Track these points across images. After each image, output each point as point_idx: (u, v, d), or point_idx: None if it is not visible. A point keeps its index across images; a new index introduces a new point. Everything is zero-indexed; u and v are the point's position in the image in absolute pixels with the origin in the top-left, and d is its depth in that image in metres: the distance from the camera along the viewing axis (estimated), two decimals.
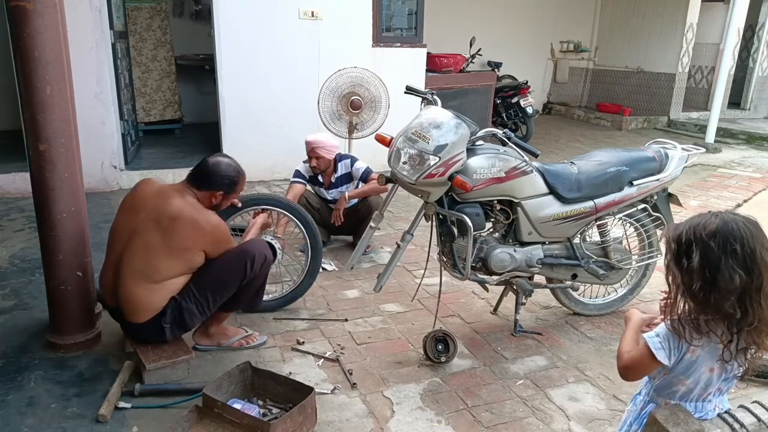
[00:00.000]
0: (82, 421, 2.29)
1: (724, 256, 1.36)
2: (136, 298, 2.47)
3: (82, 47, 4.93)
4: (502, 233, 2.88)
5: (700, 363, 1.48)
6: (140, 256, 2.45)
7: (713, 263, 1.36)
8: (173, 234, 2.43)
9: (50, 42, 2.47)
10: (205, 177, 2.59)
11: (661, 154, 3.06)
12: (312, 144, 3.88)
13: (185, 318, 2.55)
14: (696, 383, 1.51)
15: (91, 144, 4.93)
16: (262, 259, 2.65)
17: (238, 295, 2.68)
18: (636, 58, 10.44)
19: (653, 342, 1.49)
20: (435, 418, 2.38)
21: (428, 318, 3.13)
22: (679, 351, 1.47)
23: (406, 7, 6.51)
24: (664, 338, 1.49)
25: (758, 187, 6.10)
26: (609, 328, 3.17)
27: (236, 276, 2.60)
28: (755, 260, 1.35)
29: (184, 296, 2.54)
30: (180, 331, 2.60)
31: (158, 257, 2.44)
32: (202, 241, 2.50)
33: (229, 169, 2.63)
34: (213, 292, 2.58)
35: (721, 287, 1.36)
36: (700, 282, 1.38)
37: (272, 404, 2.37)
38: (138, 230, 2.46)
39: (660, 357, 1.47)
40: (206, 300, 2.57)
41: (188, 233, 2.46)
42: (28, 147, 2.58)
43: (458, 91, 6.89)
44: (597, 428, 2.34)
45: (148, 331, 2.55)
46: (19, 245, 4.08)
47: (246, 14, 5.61)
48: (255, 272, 2.62)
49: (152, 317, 2.51)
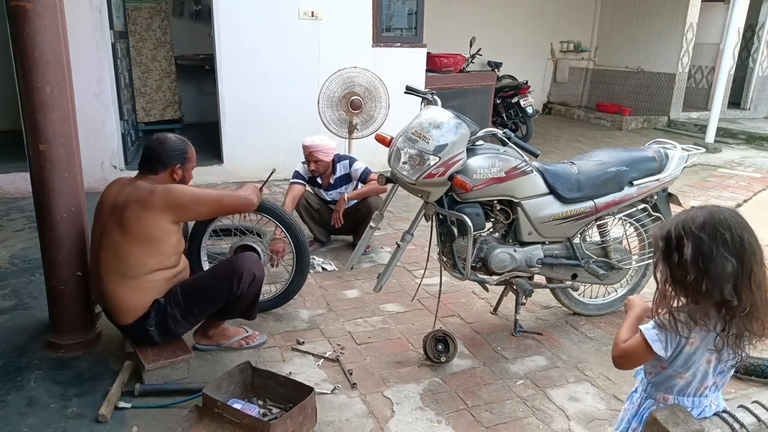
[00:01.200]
0: (82, 421, 2.29)
1: (716, 245, 1.39)
2: (118, 298, 2.47)
3: (82, 47, 4.93)
4: (502, 233, 2.88)
5: (699, 355, 1.49)
6: (111, 254, 2.44)
7: (706, 254, 1.39)
8: (127, 223, 2.39)
9: (50, 42, 2.47)
10: (156, 158, 2.53)
11: (661, 154, 3.06)
12: (310, 148, 3.88)
13: (169, 323, 2.52)
14: (694, 376, 1.52)
15: (91, 144, 4.93)
16: (251, 278, 2.58)
17: (229, 308, 2.65)
18: (636, 58, 10.44)
19: (650, 334, 1.50)
20: (435, 418, 2.38)
21: (428, 318, 3.13)
22: (676, 343, 1.48)
23: (406, 7, 6.51)
24: (660, 330, 1.50)
25: (758, 187, 6.10)
26: (609, 328, 3.17)
27: (222, 293, 2.56)
28: (744, 247, 1.39)
29: (169, 300, 2.51)
30: (167, 337, 2.57)
31: (125, 251, 2.42)
32: (156, 212, 2.40)
33: (173, 141, 2.57)
34: (198, 305, 2.56)
35: (714, 276, 1.39)
36: (695, 273, 1.41)
37: (272, 404, 2.37)
38: (105, 230, 2.47)
39: (657, 349, 1.48)
40: (191, 312, 2.55)
41: (137, 213, 2.38)
42: (28, 147, 2.58)
43: (458, 91, 6.90)
44: (597, 428, 2.34)
45: (135, 333, 2.55)
46: (19, 245, 4.08)
47: (246, 14, 5.61)
48: (242, 290, 2.56)
49: (137, 319, 2.49)
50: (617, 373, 2.62)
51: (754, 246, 1.40)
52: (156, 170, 2.53)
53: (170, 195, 2.44)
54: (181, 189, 2.50)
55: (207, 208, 2.60)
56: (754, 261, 1.39)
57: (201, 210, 2.58)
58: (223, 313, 2.68)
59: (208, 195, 2.59)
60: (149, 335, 2.53)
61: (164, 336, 2.56)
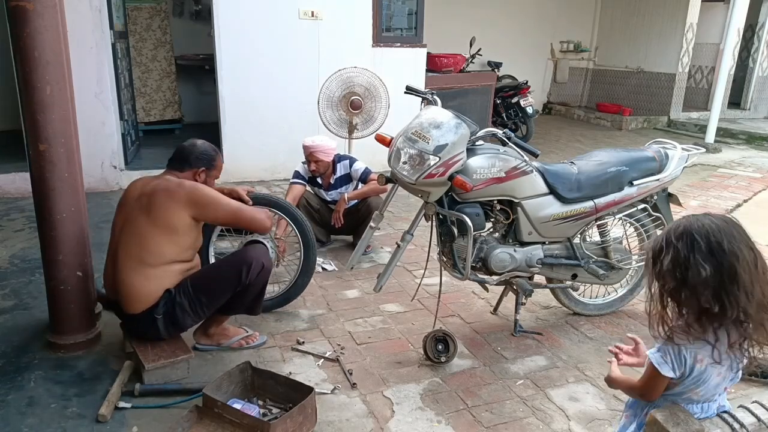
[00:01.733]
0: (82, 421, 2.29)
1: (691, 253, 1.39)
2: (133, 285, 2.50)
3: (82, 47, 4.93)
4: (502, 233, 2.88)
5: (710, 372, 1.47)
6: (132, 241, 2.51)
7: (681, 261, 1.40)
8: (153, 209, 2.49)
9: (50, 42, 2.47)
10: (184, 158, 2.68)
11: (661, 154, 3.06)
12: (310, 148, 3.88)
13: (177, 313, 2.55)
14: (706, 390, 1.51)
15: (91, 144, 4.93)
16: (259, 267, 2.64)
17: (235, 301, 2.68)
18: (636, 58, 10.44)
19: (655, 357, 1.49)
20: (435, 418, 2.38)
21: (428, 318, 3.13)
22: (682, 361, 1.46)
23: (406, 7, 6.51)
24: (664, 351, 1.48)
25: (758, 187, 6.10)
26: (609, 328, 3.17)
27: (230, 281, 2.60)
28: (724, 252, 1.37)
29: (179, 290, 2.55)
30: (173, 328, 2.60)
31: (147, 237, 2.49)
32: (179, 204, 2.50)
33: (205, 146, 2.74)
34: (207, 293, 2.59)
35: (691, 283, 1.39)
36: (673, 282, 1.41)
37: (272, 404, 2.37)
38: (128, 219, 2.55)
39: (665, 372, 1.47)
40: (199, 301, 2.57)
41: (164, 202, 2.49)
42: (28, 147, 2.58)
43: (458, 91, 6.90)
44: (597, 428, 2.34)
45: (143, 324, 2.56)
46: (19, 245, 4.08)
47: (246, 14, 5.61)
48: (250, 280, 2.62)
49: (147, 308, 2.52)
50: None
51: (737, 252, 1.37)
52: (183, 168, 2.66)
53: (195, 191, 2.55)
54: (206, 190, 2.61)
55: (224, 215, 2.65)
56: (738, 265, 1.36)
57: (218, 214, 2.64)
58: (229, 306, 2.69)
59: (228, 203, 2.66)
60: (155, 326, 2.54)
61: (170, 327, 2.58)
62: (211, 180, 2.75)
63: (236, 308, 2.75)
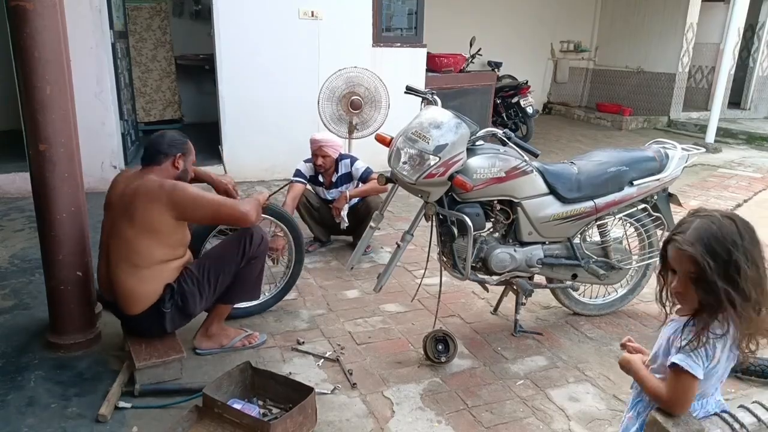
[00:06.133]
0: (82, 421, 2.29)
1: (738, 251, 1.41)
2: (130, 288, 2.49)
3: (82, 47, 4.93)
4: (502, 233, 2.88)
5: (719, 367, 1.47)
6: (121, 244, 2.49)
7: (751, 257, 1.41)
8: (136, 214, 2.46)
9: (50, 42, 2.47)
10: (158, 150, 2.60)
11: (661, 154, 3.06)
12: (319, 142, 3.88)
13: (187, 300, 2.56)
14: (707, 386, 1.50)
15: (91, 144, 4.91)
16: (260, 239, 2.73)
17: (237, 284, 2.71)
18: (636, 58, 10.44)
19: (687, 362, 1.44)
20: (435, 418, 2.38)
21: (428, 318, 3.12)
22: (707, 359, 1.44)
23: (406, 7, 6.51)
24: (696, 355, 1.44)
25: (758, 187, 6.10)
26: (609, 328, 3.17)
27: (234, 255, 2.66)
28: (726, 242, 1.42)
29: (184, 279, 2.57)
30: (181, 318, 2.61)
31: (134, 242, 2.46)
32: (160, 206, 2.45)
33: (172, 134, 2.70)
34: (214, 272, 2.62)
35: (737, 281, 1.39)
36: (726, 283, 1.39)
37: (272, 404, 2.37)
38: (114, 223, 2.54)
39: (698, 374, 1.44)
40: (207, 279, 2.60)
41: (145, 206, 2.46)
42: (28, 147, 2.58)
43: (458, 91, 6.89)
44: (597, 428, 2.34)
45: (147, 322, 2.56)
46: (19, 245, 4.08)
47: (246, 14, 5.60)
48: (253, 250, 2.69)
49: (149, 307, 2.52)
50: (617, 373, 2.60)
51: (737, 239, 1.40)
52: (159, 161, 2.60)
53: (174, 192, 2.49)
54: (186, 189, 2.53)
55: (205, 212, 2.59)
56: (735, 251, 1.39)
57: (198, 213, 2.58)
58: (231, 292, 2.73)
59: (209, 201, 2.60)
60: (161, 322, 2.54)
61: (178, 318, 2.59)
62: (189, 165, 2.70)
63: (238, 293, 2.78)
